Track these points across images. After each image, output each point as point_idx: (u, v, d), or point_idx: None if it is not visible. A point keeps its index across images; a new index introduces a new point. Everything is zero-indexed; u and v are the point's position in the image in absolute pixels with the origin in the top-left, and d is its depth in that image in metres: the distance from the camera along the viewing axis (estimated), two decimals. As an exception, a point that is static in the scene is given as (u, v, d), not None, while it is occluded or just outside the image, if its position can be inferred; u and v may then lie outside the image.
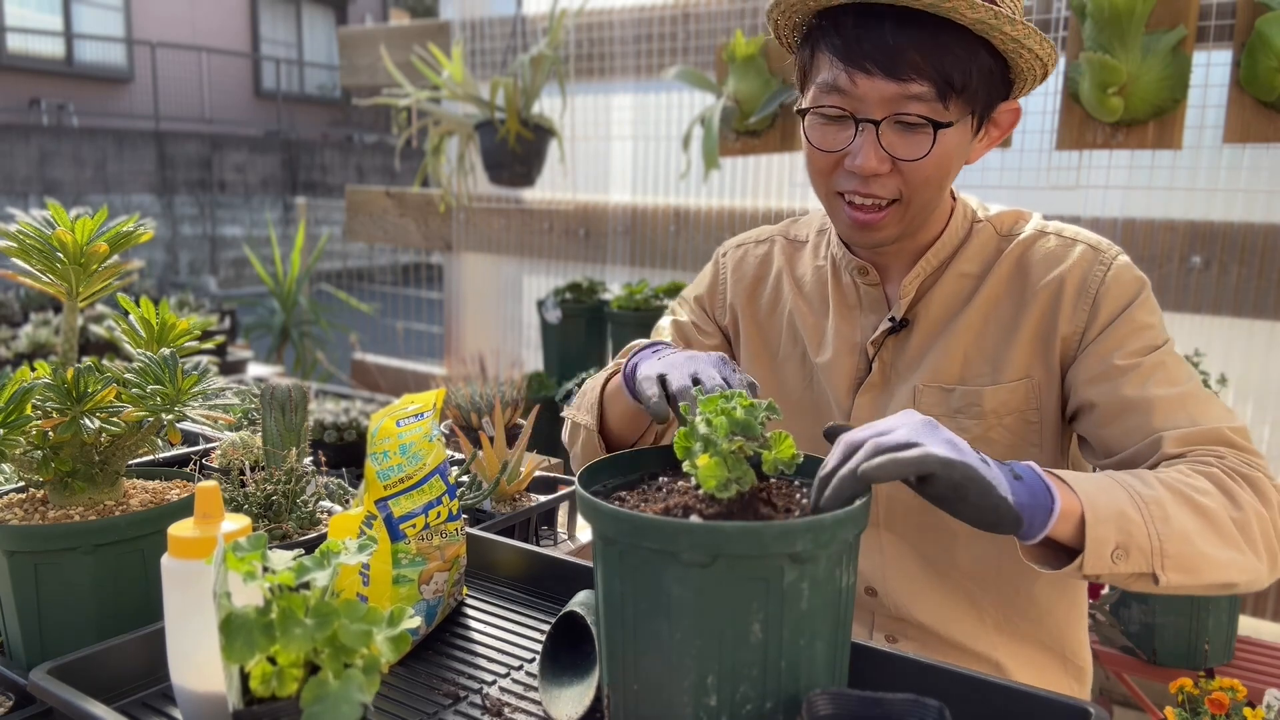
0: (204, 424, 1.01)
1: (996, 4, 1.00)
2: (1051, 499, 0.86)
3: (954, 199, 1.19)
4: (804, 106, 1.09)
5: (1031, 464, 0.89)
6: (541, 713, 0.89)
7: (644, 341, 1.23)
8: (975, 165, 1.17)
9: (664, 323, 1.39)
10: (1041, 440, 1.14)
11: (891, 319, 1.18)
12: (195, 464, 1.35)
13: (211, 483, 0.86)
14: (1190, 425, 1.01)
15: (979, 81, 1.03)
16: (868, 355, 1.20)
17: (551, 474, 1.63)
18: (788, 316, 1.29)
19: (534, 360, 3.90)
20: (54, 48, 12.66)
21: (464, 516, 1.12)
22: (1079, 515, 0.87)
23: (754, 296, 1.33)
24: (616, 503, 0.80)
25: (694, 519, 0.75)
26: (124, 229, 1.02)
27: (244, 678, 0.71)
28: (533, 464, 1.53)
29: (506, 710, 0.89)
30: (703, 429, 0.79)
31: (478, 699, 0.91)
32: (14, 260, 0.99)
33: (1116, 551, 0.87)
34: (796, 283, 1.30)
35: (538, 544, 1.46)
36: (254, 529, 0.95)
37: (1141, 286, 1.11)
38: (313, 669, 0.71)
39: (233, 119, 14.32)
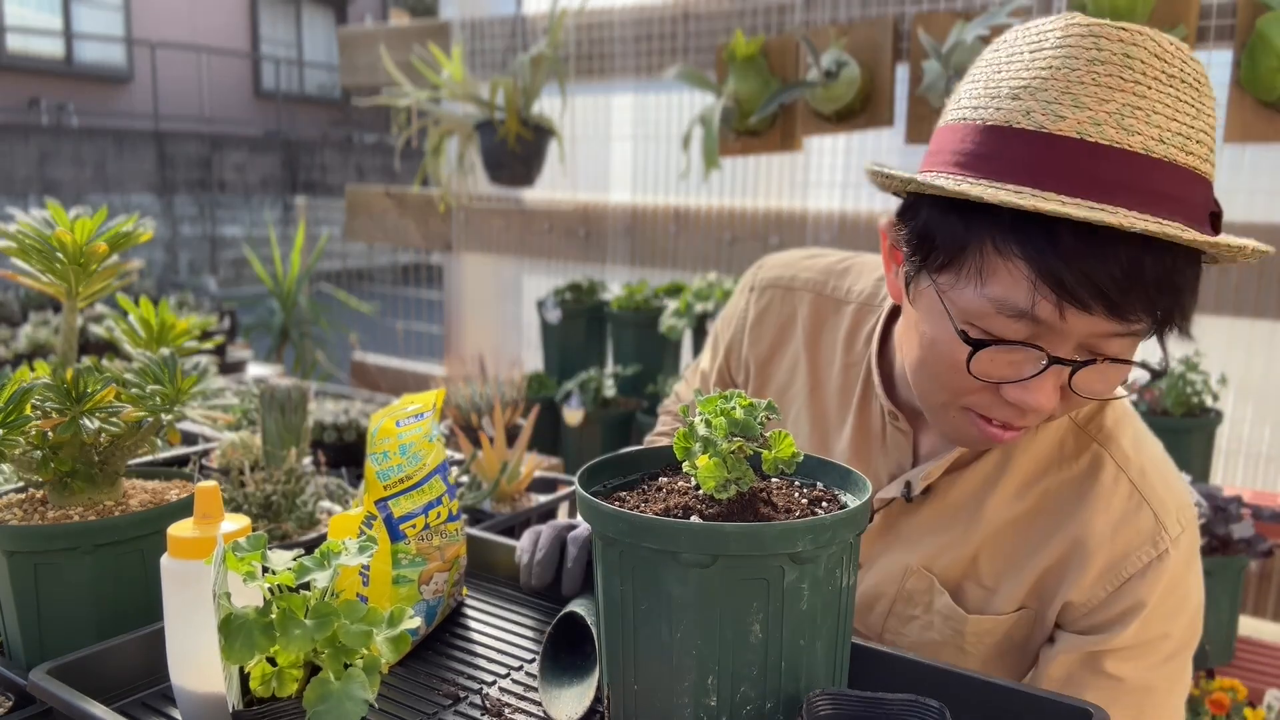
0: (204, 424, 1.01)
1: (1217, 202, 0.80)
2: None
3: None
4: (970, 335, 0.81)
5: None
6: (541, 713, 0.89)
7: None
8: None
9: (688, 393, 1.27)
10: (1023, 657, 1.01)
11: (907, 489, 1.00)
12: (195, 464, 1.35)
13: (211, 483, 0.86)
14: None
15: (1195, 304, 0.81)
16: (872, 507, 1.03)
17: (551, 474, 1.63)
18: (794, 415, 1.13)
19: (534, 360, 3.91)
20: (54, 48, 12.66)
21: (464, 517, 1.12)
22: None
23: (766, 368, 1.16)
24: (616, 503, 0.80)
25: (694, 519, 0.75)
26: (123, 229, 1.03)
27: (244, 678, 0.71)
28: (533, 464, 1.53)
29: (506, 710, 0.89)
30: (702, 430, 0.79)
31: (478, 699, 0.91)
32: (14, 260, 0.99)
33: None
34: (815, 373, 1.11)
35: (538, 544, 1.46)
36: (254, 529, 0.95)
37: (1180, 582, 0.93)
38: (312, 669, 0.71)
39: (232, 119, 14.32)
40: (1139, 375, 0.86)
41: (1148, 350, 0.86)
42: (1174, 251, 0.75)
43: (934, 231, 0.83)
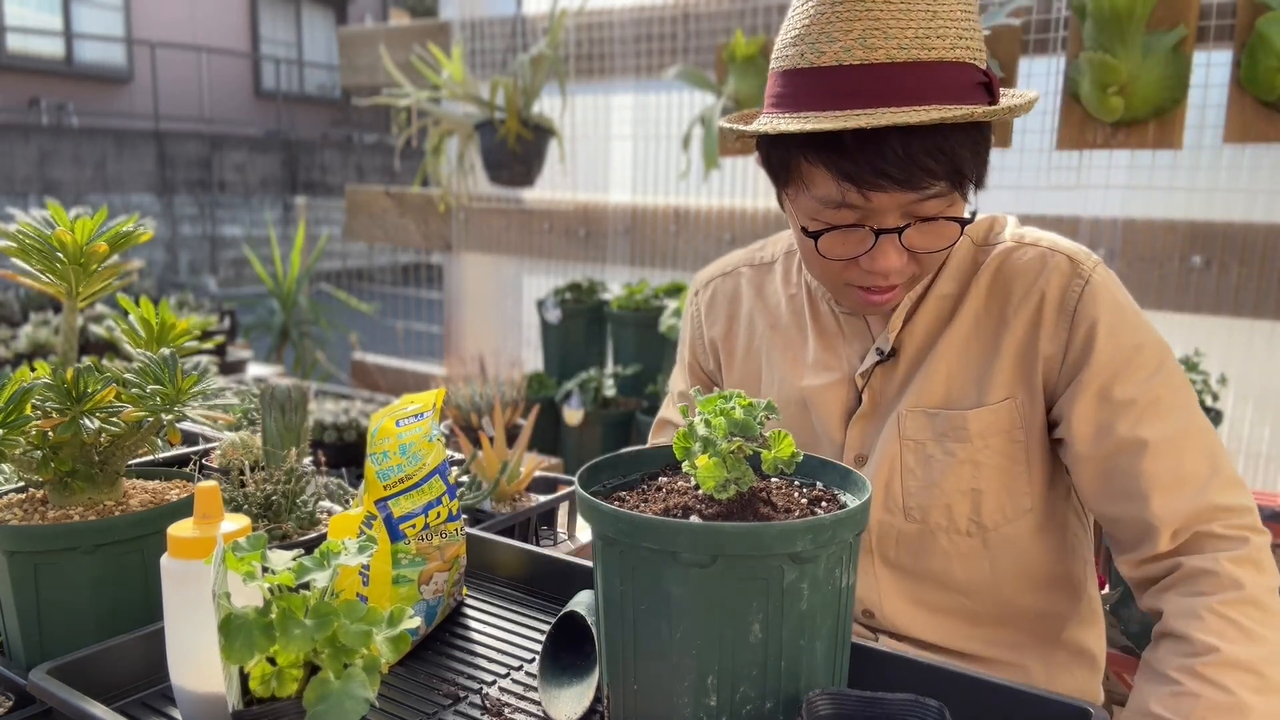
0: (204, 424, 1.01)
1: (988, 73, 0.97)
2: None
3: None
4: (809, 229, 1.03)
5: None
6: (541, 713, 0.89)
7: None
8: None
9: (670, 414, 1.38)
10: (1029, 458, 1.11)
11: (879, 351, 1.15)
12: (195, 464, 1.35)
13: (211, 483, 0.86)
14: (1178, 498, 1.00)
15: (983, 159, 1.02)
16: (857, 387, 1.17)
17: (551, 474, 1.63)
18: (765, 353, 1.27)
19: (534, 360, 3.91)
20: (54, 48, 12.66)
21: (464, 516, 1.12)
22: None
23: (730, 337, 1.31)
24: (616, 503, 0.80)
25: (694, 519, 0.75)
26: (123, 229, 1.03)
27: (244, 678, 0.71)
28: (533, 464, 1.53)
29: (506, 710, 0.89)
30: (702, 430, 0.79)
31: (478, 699, 0.91)
32: (14, 260, 0.99)
33: None
34: (769, 314, 1.27)
35: (538, 544, 1.46)
36: (254, 529, 0.95)
37: (1122, 300, 1.07)
38: (312, 669, 0.71)
39: (233, 119, 14.32)
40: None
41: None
42: (939, 128, 0.94)
43: (773, 160, 1.05)
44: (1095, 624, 1.23)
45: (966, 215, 1.03)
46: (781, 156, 1.03)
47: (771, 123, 0.99)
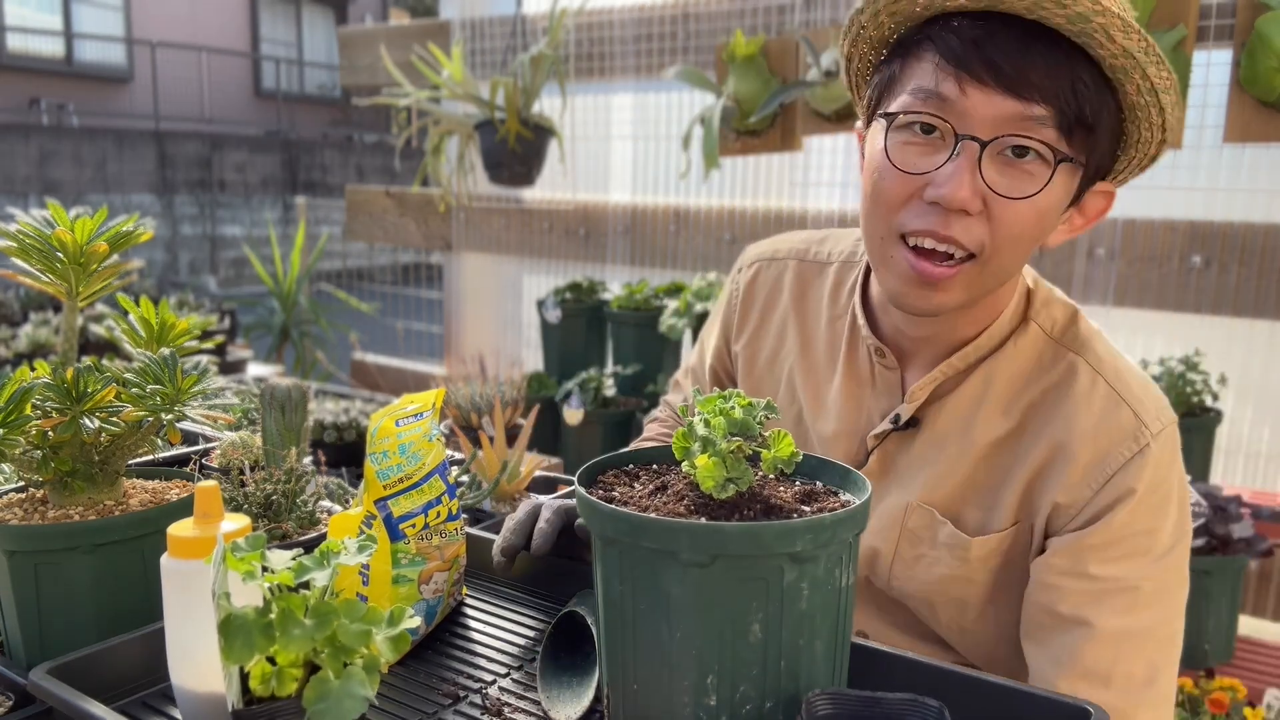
0: (204, 424, 1.01)
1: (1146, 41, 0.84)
2: None
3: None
4: (890, 110, 0.92)
5: None
6: (541, 713, 0.89)
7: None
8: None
9: (685, 373, 1.34)
10: (1025, 579, 1.01)
11: (895, 419, 1.04)
12: (195, 464, 1.35)
13: (211, 482, 0.86)
14: (1098, 692, 0.89)
15: (1104, 129, 0.88)
16: (868, 446, 1.08)
17: (551, 474, 1.63)
18: (787, 373, 1.17)
19: (534, 360, 3.90)
20: (54, 47, 12.66)
21: (464, 516, 1.12)
22: None
23: (756, 339, 1.21)
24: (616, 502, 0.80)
25: (694, 519, 0.75)
26: (124, 229, 1.02)
27: (243, 678, 0.71)
28: (533, 464, 1.53)
29: (506, 710, 0.89)
30: (701, 429, 0.79)
31: (478, 699, 0.91)
32: (14, 260, 0.99)
33: None
34: (804, 330, 1.16)
35: (537, 544, 1.46)
36: (254, 529, 0.95)
37: (1164, 481, 0.95)
38: (312, 669, 0.71)
39: (233, 119, 14.33)
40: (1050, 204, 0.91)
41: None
42: (1070, 51, 0.84)
43: (882, 80, 0.95)
44: None
45: (1058, 190, 0.88)
46: (894, 69, 0.93)
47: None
